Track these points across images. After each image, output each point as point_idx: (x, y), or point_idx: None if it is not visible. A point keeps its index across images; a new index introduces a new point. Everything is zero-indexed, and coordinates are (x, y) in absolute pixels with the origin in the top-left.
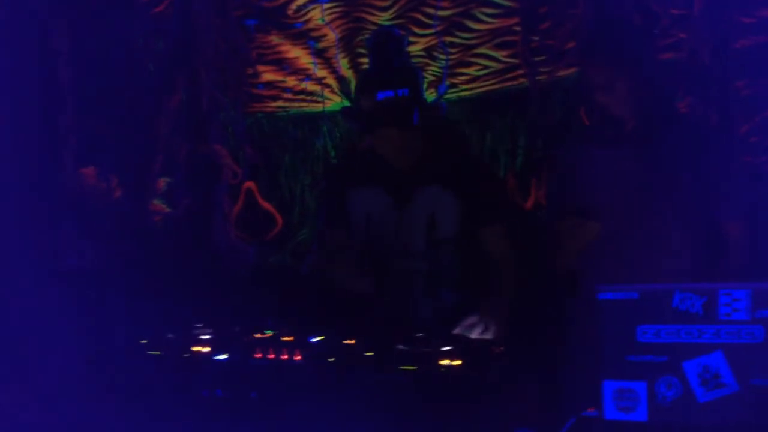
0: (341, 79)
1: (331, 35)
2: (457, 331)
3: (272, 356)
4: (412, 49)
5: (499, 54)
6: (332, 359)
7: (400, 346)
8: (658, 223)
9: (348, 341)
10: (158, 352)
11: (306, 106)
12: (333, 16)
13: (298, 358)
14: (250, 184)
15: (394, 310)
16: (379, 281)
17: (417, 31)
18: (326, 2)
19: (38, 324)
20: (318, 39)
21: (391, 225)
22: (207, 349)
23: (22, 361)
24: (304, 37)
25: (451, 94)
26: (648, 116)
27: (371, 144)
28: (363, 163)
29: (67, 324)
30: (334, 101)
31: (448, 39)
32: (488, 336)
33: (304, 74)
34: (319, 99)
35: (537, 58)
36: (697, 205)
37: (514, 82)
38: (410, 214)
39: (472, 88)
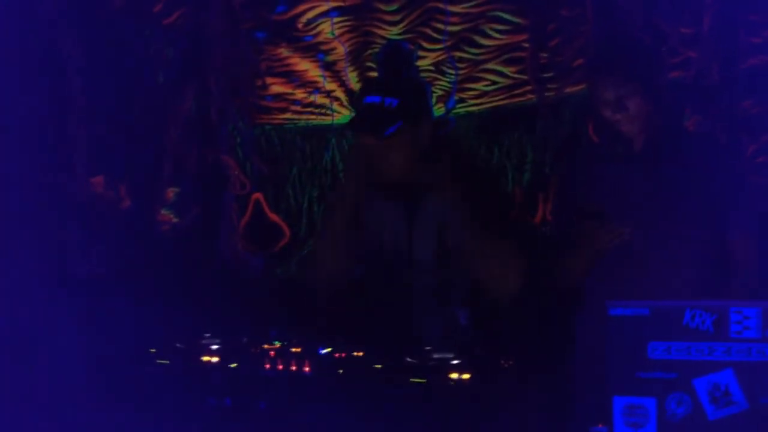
0: (350, 93)
1: (341, 48)
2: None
3: (281, 367)
4: (421, 63)
5: (507, 70)
6: (341, 371)
7: (409, 359)
8: (665, 240)
9: (357, 353)
10: (167, 362)
11: (315, 119)
12: (343, 29)
13: (307, 369)
14: (258, 196)
15: (402, 322)
16: (387, 293)
17: (426, 45)
18: (336, 16)
19: (46, 331)
20: (327, 52)
21: (396, 237)
22: (215, 359)
23: (29, 367)
24: (314, 50)
25: (460, 109)
26: (655, 134)
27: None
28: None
29: (75, 332)
30: (343, 114)
31: (457, 54)
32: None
33: (312, 87)
34: (328, 112)
35: (545, 75)
36: (705, 223)
37: (523, 98)
38: (411, 227)
39: (480, 104)
